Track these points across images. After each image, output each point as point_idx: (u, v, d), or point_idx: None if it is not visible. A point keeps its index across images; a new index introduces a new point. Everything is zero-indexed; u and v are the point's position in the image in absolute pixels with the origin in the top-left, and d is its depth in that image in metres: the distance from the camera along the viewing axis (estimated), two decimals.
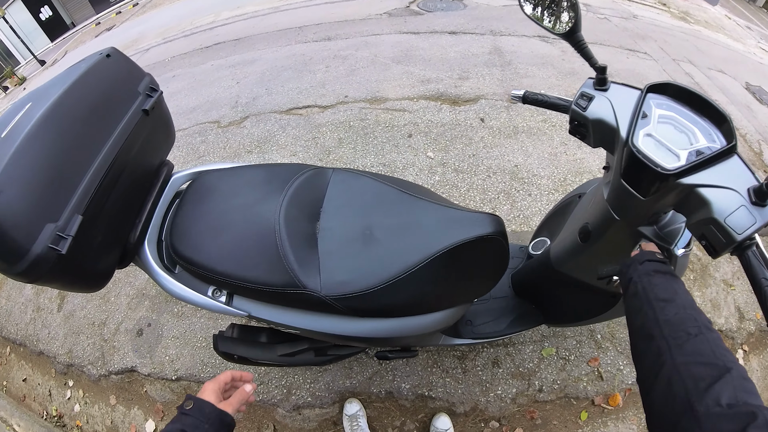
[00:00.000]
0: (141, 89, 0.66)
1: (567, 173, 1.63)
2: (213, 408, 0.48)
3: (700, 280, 1.42)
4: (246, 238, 0.64)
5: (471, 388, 1.18)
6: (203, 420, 0.46)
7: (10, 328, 1.79)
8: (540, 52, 2.38)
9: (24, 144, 0.49)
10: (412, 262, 0.61)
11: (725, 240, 0.41)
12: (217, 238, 0.64)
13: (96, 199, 0.55)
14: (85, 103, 0.57)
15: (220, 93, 2.50)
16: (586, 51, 0.54)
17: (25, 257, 0.48)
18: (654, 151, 0.48)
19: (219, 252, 0.63)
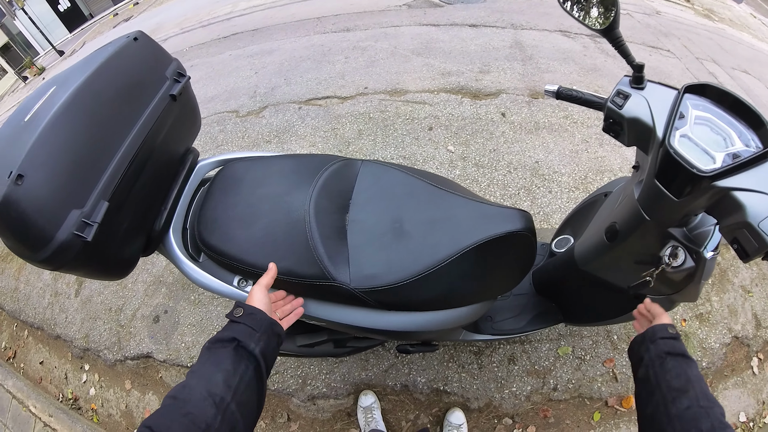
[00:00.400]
0: (168, 74, 0.65)
1: (588, 171, 1.61)
2: (264, 315, 0.46)
3: (718, 284, 1.40)
4: (275, 228, 0.63)
5: (486, 384, 1.19)
6: (254, 328, 0.44)
7: (28, 311, 1.83)
8: (562, 47, 2.34)
9: (48, 128, 0.48)
10: (442, 257, 0.60)
11: (758, 244, 0.41)
12: (245, 228, 0.64)
13: (122, 185, 0.54)
14: (111, 86, 0.56)
15: (239, 83, 2.49)
16: (624, 48, 0.53)
17: (49, 244, 0.47)
18: (690, 152, 0.47)
19: (247, 242, 0.62)
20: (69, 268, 0.51)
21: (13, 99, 7.03)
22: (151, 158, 0.60)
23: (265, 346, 0.44)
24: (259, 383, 0.43)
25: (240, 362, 0.41)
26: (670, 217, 0.54)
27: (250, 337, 0.43)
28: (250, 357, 0.42)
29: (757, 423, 1.19)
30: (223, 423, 0.35)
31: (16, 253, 0.50)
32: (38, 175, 0.46)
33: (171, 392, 0.38)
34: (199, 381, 0.38)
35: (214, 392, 0.37)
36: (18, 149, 0.46)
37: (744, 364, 1.26)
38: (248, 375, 0.41)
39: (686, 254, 0.55)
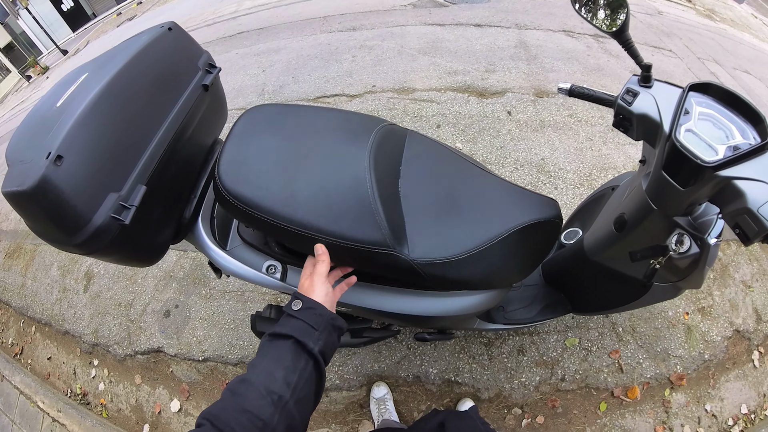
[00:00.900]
0: (200, 65, 0.67)
1: (592, 168, 1.65)
2: (324, 311, 0.43)
3: (720, 279, 1.43)
4: (325, 184, 0.55)
5: (496, 375, 1.21)
6: (314, 326, 0.42)
7: (35, 308, 1.83)
8: (566, 47, 2.38)
9: (87, 111, 0.48)
10: (494, 234, 0.61)
11: (758, 228, 0.45)
12: (285, 179, 0.55)
13: (158, 170, 0.55)
14: (147, 74, 0.56)
15: (246, 81, 2.51)
16: (633, 49, 0.57)
17: (86, 227, 0.46)
18: (694, 145, 0.51)
19: (292, 197, 0.54)
20: (102, 253, 0.50)
21: (16, 98, 7.00)
22: (183, 147, 0.61)
23: (325, 344, 0.42)
24: (318, 379, 0.42)
25: (300, 358, 0.40)
26: (676, 207, 0.58)
27: (309, 335, 0.41)
28: (309, 354, 0.41)
29: (759, 415, 1.22)
30: (280, 421, 0.35)
31: (48, 238, 0.49)
32: (77, 157, 0.45)
33: (230, 385, 0.37)
34: (258, 377, 0.37)
35: (272, 390, 0.36)
36: (55, 132, 0.46)
37: (745, 357, 1.29)
38: (308, 371, 0.40)
39: (691, 241, 0.59)
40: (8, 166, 0.48)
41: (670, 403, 1.19)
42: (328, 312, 0.44)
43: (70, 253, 0.51)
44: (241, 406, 0.35)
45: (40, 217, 0.46)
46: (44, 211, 0.45)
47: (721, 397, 1.22)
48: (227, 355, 1.37)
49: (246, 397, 0.35)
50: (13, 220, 2.40)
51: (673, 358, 1.25)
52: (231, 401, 0.36)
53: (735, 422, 1.20)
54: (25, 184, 0.43)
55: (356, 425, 1.20)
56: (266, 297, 1.45)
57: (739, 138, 0.51)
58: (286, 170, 0.57)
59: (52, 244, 0.50)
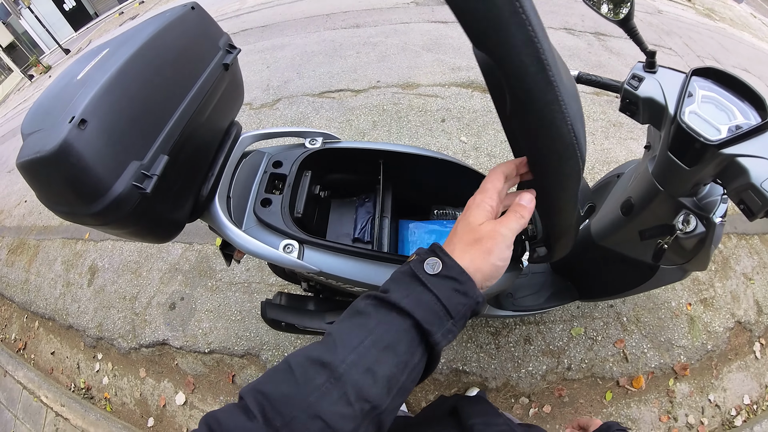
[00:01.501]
0: (221, 45, 0.68)
1: (595, 162, 1.67)
2: (471, 287, 0.28)
3: (721, 271, 1.45)
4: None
5: (503, 364, 1.22)
6: (451, 311, 0.27)
7: (39, 303, 1.82)
8: (567, 44, 2.41)
9: (112, 80, 0.48)
10: (583, 199, 0.60)
11: (761, 202, 0.47)
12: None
13: (180, 142, 0.55)
14: (171, 49, 0.57)
15: (251, 77, 2.53)
16: (638, 37, 0.59)
17: (106, 195, 0.45)
18: (698, 125, 0.53)
19: None
20: (119, 224, 0.49)
21: (19, 97, 6.98)
22: (203, 124, 0.62)
23: (454, 336, 0.28)
24: (425, 374, 0.29)
25: (415, 351, 0.26)
26: (682, 187, 0.60)
27: (438, 323, 0.27)
28: (428, 347, 0.27)
29: (761, 405, 1.23)
30: (366, 430, 0.24)
31: (62, 209, 0.48)
32: (100, 123, 0.45)
33: (303, 360, 0.25)
34: (351, 368, 0.24)
35: (366, 397, 0.24)
36: (79, 97, 0.45)
37: (747, 348, 1.30)
38: (417, 370, 0.27)
39: (697, 221, 0.61)
40: (23, 139, 0.48)
41: (674, 392, 1.21)
42: (477, 293, 0.28)
43: (84, 225, 0.49)
44: (313, 407, 0.23)
45: (59, 183, 0.45)
46: (64, 176, 0.43)
47: (723, 387, 1.23)
48: (233, 346, 1.37)
49: (324, 398, 0.23)
50: (16, 216, 2.39)
51: (676, 348, 1.27)
52: (301, 390, 0.23)
53: (738, 413, 1.21)
54: (45, 149, 0.42)
55: None
56: (273, 288, 1.45)
57: (741, 118, 0.54)
58: None
59: (67, 216, 0.48)
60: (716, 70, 0.57)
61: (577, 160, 0.40)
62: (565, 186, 0.44)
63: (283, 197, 0.72)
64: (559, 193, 0.46)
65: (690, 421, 1.18)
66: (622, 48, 2.35)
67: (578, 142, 0.39)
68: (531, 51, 0.31)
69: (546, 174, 0.43)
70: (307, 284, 0.94)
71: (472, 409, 0.40)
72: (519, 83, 0.33)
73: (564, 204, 0.48)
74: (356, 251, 0.67)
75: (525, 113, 0.37)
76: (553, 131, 0.37)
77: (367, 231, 0.87)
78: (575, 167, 0.41)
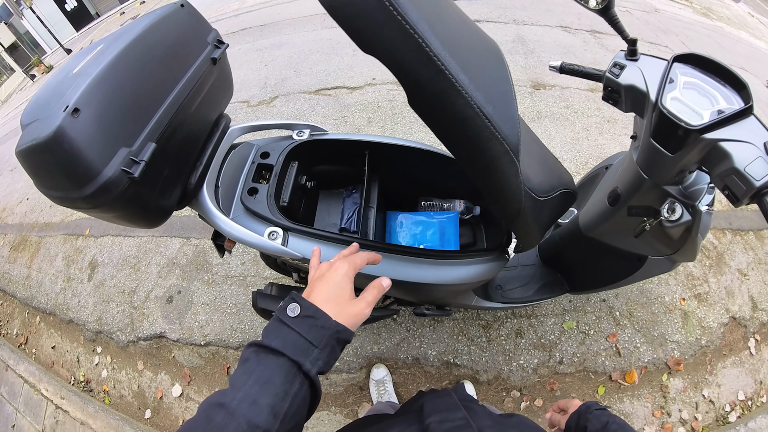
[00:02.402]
0: (209, 40, 0.71)
1: (588, 158, 1.67)
2: (329, 322, 0.34)
3: (715, 267, 1.44)
4: (472, 39, 0.47)
5: (495, 357, 1.22)
6: (313, 342, 0.33)
7: (40, 298, 1.85)
8: (563, 42, 2.42)
9: (104, 72, 0.51)
10: (557, 184, 0.63)
11: (745, 187, 0.47)
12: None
13: (168, 131, 0.57)
14: (161, 43, 0.60)
15: (249, 75, 2.56)
16: (619, 25, 0.59)
17: (96, 179, 0.48)
18: (680, 111, 0.53)
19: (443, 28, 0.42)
20: (108, 207, 0.51)
21: (21, 96, 7.08)
22: (191, 115, 0.65)
23: (325, 364, 0.33)
24: (312, 401, 0.34)
25: (293, 382, 0.31)
26: (667, 174, 0.60)
27: (305, 354, 0.32)
28: (305, 376, 0.32)
29: (755, 402, 1.22)
30: None
31: (56, 195, 0.50)
32: (92, 111, 0.48)
33: (206, 406, 0.30)
34: (240, 404, 0.30)
35: (256, 424, 0.29)
36: (72, 90, 0.48)
37: (741, 344, 1.30)
38: (300, 396, 0.32)
39: (683, 209, 0.61)
40: (22, 129, 0.50)
41: (667, 388, 1.20)
42: (333, 324, 0.34)
43: (77, 209, 0.52)
44: None
45: (52, 167, 0.47)
46: (57, 161, 0.46)
47: (718, 383, 1.23)
48: (229, 339, 1.39)
49: (223, 430, 0.29)
50: (18, 214, 2.43)
51: (670, 343, 1.26)
52: (205, 430, 0.29)
53: (732, 408, 1.20)
54: (41, 136, 0.45)
55: (356, 407, 1.21)
56: (268, 281, 1.46)
57: (724, 103, 0.54)
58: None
59: (61, 200, 0.50)
60: (698, 56, 0.57)
61: (500, 142, 0.40)
62: (494, 169, 0.44)
63: (269, 186, 0.74)
64: (491, 178, 0.45)
65: (684, 416, 1.18)
66: (617, 46, 2.33)
67: (494, 123, 0.39)
68: (412, 45, 0.33)
69: (468, 159, 0.43)
70: (297, 275, 0.96)
71: (434, 405, 0.39)
72: (407, 76, 0.35)
73: (502, 188, 0.47)
74: (340, 239, 0.68)
75: (422, 102, 0.38)
76: (457, 116, 0.37)
77: (354, 221, 0.89)
78: (499, 149, 0.41)
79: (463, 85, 0.37)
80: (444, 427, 0.35)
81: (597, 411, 0.45)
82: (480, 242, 1.00)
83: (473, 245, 0.99)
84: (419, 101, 0.39)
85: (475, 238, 1.00)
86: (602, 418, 0.44)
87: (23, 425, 1.55)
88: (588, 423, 0.44)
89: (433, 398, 0.43)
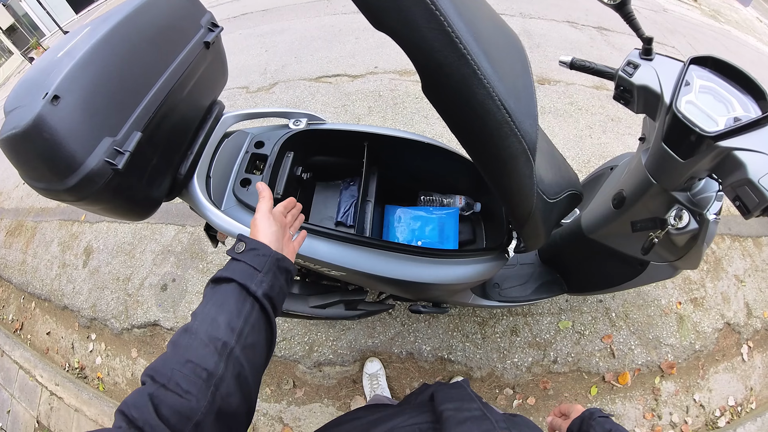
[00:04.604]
0: (203, 23, 0.68)
1: (591, 156, 1.66)
2: (268, 251, 0.40)
3: (713, 272, 1.44)
4: (497, 30, 0.44)
5: (489, 354, 1.22)
6: (257, 267, 0.39)
7: (35, 284, 1.84)
8: (569, 38, 2.38)
9: (87, 56, 0.48)
10: (566, 185, 0.61)
11: (758, 199, 0.45)
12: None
13: (155, 120, 0.55)
14: (150, 25, 0.57)
15: (249, 60, 2.51)
16: (635, 22, 0.57)
17: (78, 170, 0.46)
18: (695, 116, 0.51)
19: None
20: (94, 200, 0.49)
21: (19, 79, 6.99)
22: (182, 102, 0.62)
23: (270, 287, 0.39)
24: (267, 324, 0.38)
25: (244, 303, 0.37)
26: (676, 180, 0.58)
27: (251, 278, 0.38)
28: (254, 298, 0.38)
29: (745, 408, 1.23)
30: (226, 370, 0.32)
31: (40, 186, 0.48)
32: (74, 98, 0.45)
33: (173, 337, 0.35)
34: (201, 324, 0.34)
35: (216, 336, 0.33)
36: (54, 75, 0.46)
37: (734, 350, 1.30)
38: (254, 316, 0.37)
39: (690, 217, 0.59)
40: (5, 116, 0.48)
41: (659, 390, 1.21)
42: (273, 252, 0.41)
43: (63, 201, 0.50)
44: (183, 356, 0.32)
45: (34, 159, 0.45)
46: (38, 151, 0.44)
47: (709, 387, 1.23)
48: None
49: (189, 348, 0.33)
50: (14, 198, 2.41)
51: (664, 347, 1.27)
52: (173, 353, 0.33)
53: (722, 413, 1.21)
54: (20, 125, 0.43)
55: (348, 400, 1.22)
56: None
57: (740, 111, 0.52)
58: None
59: (45, 192, 0.49)
60: (716, 59, 0.55)
61: (519, 139, 0.38)
62: (509, 169, 0.41)
63: (263, 177, 0.72)
64: (505, 177, 0.43)
65: (674, 419, 1.18)
66: (624, 44, 2.32)
67: (514, 119, 0.36)
68: (434, 25, 0.30)
69: (483, 156, 0.40)
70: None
71: (446, 394, 0.40)
72: (425, 59, 0.31)
73: (515, 188, 0.45)
74: (335, 234, 0.66)
75: (439, 89, 0.35)
76: (477, 108, 0.34)
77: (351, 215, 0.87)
78: (517, 148, 0.38)
79: (485, 74, 0.34)
80: (461, 416, 0.36)
81: (600, 418, 0.45)
82: (480, 239, 0.99)
83: (473, 242, 0.98)
84: (436, 88, 0.36)
85: (474, 235, 0.99)
86: (606, 426, 0.43)
87: (18, 411, 1.55)
88: (590, 429, 0.44)
89: (446, 388, 0.43)
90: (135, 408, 0.29)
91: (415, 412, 0.39)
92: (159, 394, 0.30)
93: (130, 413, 0.28)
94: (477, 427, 0.34)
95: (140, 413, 0.28)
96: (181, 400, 0.30)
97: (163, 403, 0.29)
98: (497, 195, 0.49)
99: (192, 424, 0.29)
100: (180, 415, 0.29)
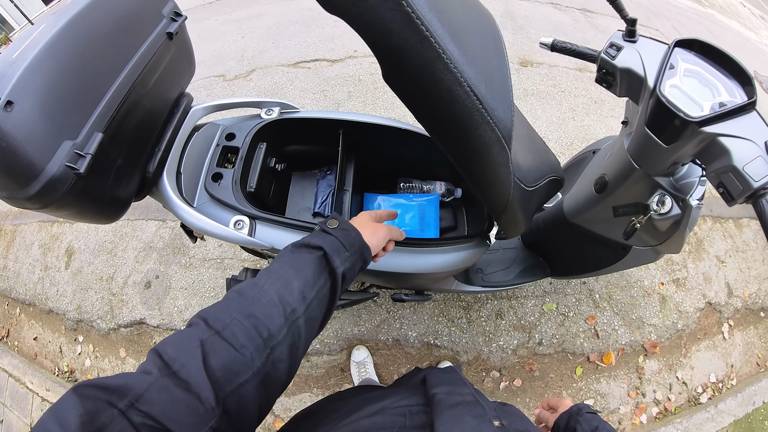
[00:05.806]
0: (165, 12, 0.65)
1: (574, 138, 1.66)
2: (358, 235, 0.42)
3: (695, 253, 1.47)
4: (471, 25, 0.42)
5: (475, 338, 1.23)
6: (345, 245, 0.39)
7: (19, 289, 1.80)
8: (553, 19, 2.36)
9: (40, 56, 0.46)
10: (546, 171, 0.59)
11: (742, 187, 0.44)
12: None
13: (117, 118, 0.53)
14: (107, 19, 0.55)
15: (225, 47, 2.44)
16: (618, 3, 0.55)
17: (39, 177, 0.44)
18: (679, 100, 0.50)
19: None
20: (59, 206, 0.48)
21: None
22: (146, 96, 0.59)
23: (350, 268, 0.39)
24: (330, 303, 0.38)
25: (321, 275, 0.36)
26: (659, 165, 0.57)
27: (338, 252, 0.38)
28: (331, 273, 0.37)
29: (726, 384, 1.27)
30: (287, 336, 0.31)
31: (2, 192, 0.47)
32: (29, 103, 0.44)
33: (238, 287, 0.33)
34: (273, 283, 0.33)
35: (287, 300, 0.32)
36: (6, 79, 0.44)
37: (716, 329, 1.33)
38: (323, 292, 0.36)
39: (673, 202, 0.58)
40: None
41: (643, 369, 1.24)
42: (362, 239, 0.42)
43: (27, 209, 0.48)
44: (248, 309, 0.30)
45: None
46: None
47: (691, 365, 1.26)
48: None
49: (256, 301, 0.31)
50: None
51: (647, 326, 1.29)
52: (237, 302, 0.31)
53: (704, 390, 1.24)
54: None
55: (337, 389, 1.22)
56: (245, 264, 1.45)
57: (726, 96, 0.50)
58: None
59: (8, 200, 0.47)
60: (702, 42, 0.53)
61: (491, 127, 0.35)
62: (483, 159, 0.39)
63: (234, 171, 0.69)
64: (479, 168, 0.41)
65: (657, 397, 1.21)
66: (608, 26, 2.31)
67: (486, 106, 0.34)
68: (390, 4, 0.27)
69: (452, 145, 0.38)
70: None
71: (439, 378, 0.40)
72: (383, 43, 0.28)
73: (490, 179, 0.43)
74: (310, 227, 0.65)
75: (401, 76, 0.32)
76: (443, 94, 0.32)
77: (328, 205, 0.86)
78: (490, 136, 0.36)
79: (451, 58, 0.31)
80: (452, 400, 0.35)
81: (588, 414, 0.45)
82: (461, 225, 0.98)
83: (454, 229, 0.98)
84: (397, 75, 0.33)
85: (456, 221, 0.99)
86: (593, 423, 0.44)
87: (11, 419, 1.53)
88: (578, 425, 0.44)
89: (438, 372, 0.43)
90: (178, 349, 0.25)
91: (407, 394, 0.38)
92: (213, 341, 0.27)
93: (167, 355, 0.25)
94: (468, 411, 0.33)
95: (182, 357, 0.25)
96: (234, 354, 0.27)
97: (215, 353, 0.26)
98: (471, 186, 0.47)
99: (237, 383, 0.26)
100: (229, 371, 0.26)
